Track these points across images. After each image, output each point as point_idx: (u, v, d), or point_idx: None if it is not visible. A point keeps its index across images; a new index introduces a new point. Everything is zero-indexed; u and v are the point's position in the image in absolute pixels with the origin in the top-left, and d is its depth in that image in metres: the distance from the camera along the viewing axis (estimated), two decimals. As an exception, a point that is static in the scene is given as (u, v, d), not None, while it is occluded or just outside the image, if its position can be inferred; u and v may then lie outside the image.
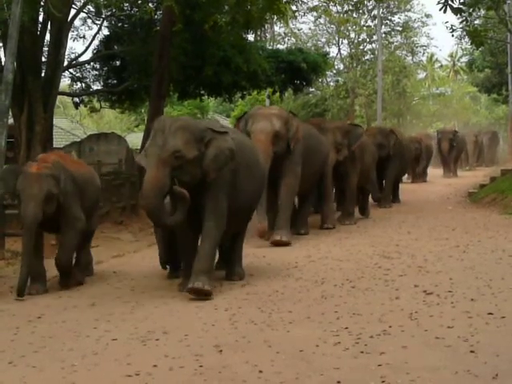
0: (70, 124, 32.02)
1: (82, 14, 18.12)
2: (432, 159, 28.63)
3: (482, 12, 19.93)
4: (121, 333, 6.22)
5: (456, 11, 13.04)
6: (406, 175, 24.60)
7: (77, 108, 21.23)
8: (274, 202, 11.98)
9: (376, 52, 35.87)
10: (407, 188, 22.84)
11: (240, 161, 8.14)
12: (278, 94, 22.60)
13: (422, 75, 52.77)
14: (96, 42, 19.04)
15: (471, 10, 15.63)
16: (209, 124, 8.17)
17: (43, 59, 15.78)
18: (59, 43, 15.28)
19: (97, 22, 18.87)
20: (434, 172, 28.44)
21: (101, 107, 21.00)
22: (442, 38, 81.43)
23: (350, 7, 35.10)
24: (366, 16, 37.40)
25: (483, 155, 35.10)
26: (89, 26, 19.41)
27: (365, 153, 15.35)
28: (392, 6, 37.02)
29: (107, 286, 8.56)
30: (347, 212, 14.68)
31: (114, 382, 4.99)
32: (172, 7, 13.11)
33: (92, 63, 19.43)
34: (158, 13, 17.30)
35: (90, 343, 5.94)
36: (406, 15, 37.91)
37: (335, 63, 37.38)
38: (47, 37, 15.81)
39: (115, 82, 19.41)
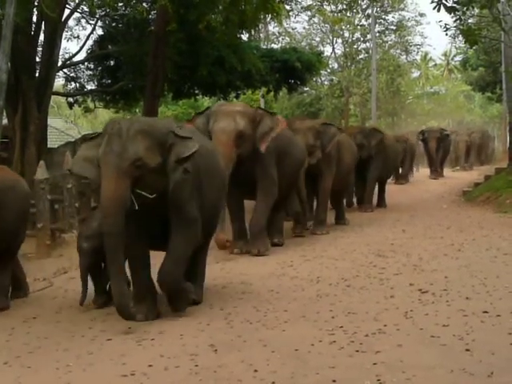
0: (64, 124, 31.97)
1: (76, 14, 18.15)
2: (416, 159, 28.18)
3: (476, 11, 19.96)
4: (116, 333, 6.21)
5: (450, 10, 13.04)
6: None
7: (71, 108, 21.20)
8: (240, 210, 11.06)
9: (370, 51, 35.96)
10: (400, 188, 22.87)
11: (201, 167, 7.10)
12: (272, 93, 22.58)
13: (416, 74, 53.02)
14: (90, 42, 19.06)
15: (465, 8, 15.64)
16: (169, 125, 6.88)
17: (37, 59, 15.76)
18: (53, 43, 15.25)
19: (91, 21, 18.88)
20: (424, 172, 28.40)
21: (95, 107, 20.96)
22: (435, 36, 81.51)
23: (344, 6, 35.17)
24: (359, 15, 37.47)
25: (475, 155, 34.59)
26: (83, 26, 19.49)
27: (343, 153, 13.98)
28: (386, 5, 37.08)
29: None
30: (319, 219, 13.26)
31: (109, 382, 4.98)
32: (166, 6, 13.11)
33: (86, 63, 19.41)
34: (153, 12, 17.30)
35: (85, 343, 5.94)
36: (400, 14, 38.03)
37: (329, 62, 37.40)
38: (41, 37, 15.79)
39: (109, 81, 19.39)
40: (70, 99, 20.14)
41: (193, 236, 6.91)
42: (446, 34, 19.19)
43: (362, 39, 37.98)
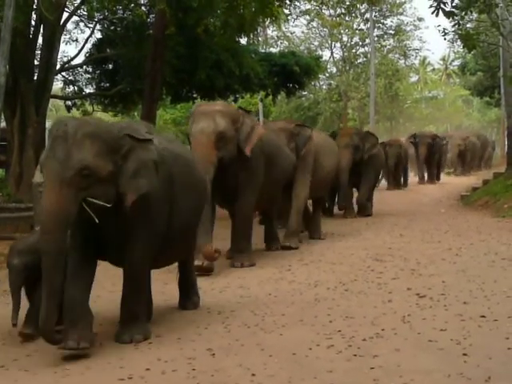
0: (62, 127, 31.98)
1: (75, 18, 18.21)
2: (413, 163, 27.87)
3: (475, 15, 20.03)
4: (114, 336, 6.19)
5: (448, 15, 13.06)
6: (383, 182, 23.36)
7: (69, 111, 21.19)
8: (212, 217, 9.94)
9: (369, 55, 36.03)
10: (397, 193, 22.87)
11: (174, 173, 6.39)
12: (270, 97, 22.61)
13: (414, 78, 53.21)
14: (89, 46, 19.10)
15: (463, 13, 15.67)
16: (127, 128, 6.02)
17: (36, 62, 15.78)
18: (52, 46, 15.27)
19: (89, 25, 18.93)
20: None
21: (93, 110, 20.96)
22: (434, 41, 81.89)
23: (343, 10, 35.25)
24: (358, 19, 37.58)
25: (471, 159, 33.67)
26: (81, 30, 19.58)
27: (321, 157, 12.87)
28: (384, 10, 37.20)
29: (101, 289, 8.54)
30: (291, 230, 11.87)
31: (107, 386, 4.98)
32: (165, 10, 13.13)
33: (85, 66, 19.45)
34: (151, 16, 17.33)
35: (83, 347, 5.92)
36: (399, 19, 38.19)
37: (328, 66, 37.52)
38: (40, 40, 15.81)
39: (108, 85, 19.41)
40: (69, 102, 20.15)
41: (149, 252, 6.22)
42: (445, 39, 19.34)
43: (360, 43, 38.10)
